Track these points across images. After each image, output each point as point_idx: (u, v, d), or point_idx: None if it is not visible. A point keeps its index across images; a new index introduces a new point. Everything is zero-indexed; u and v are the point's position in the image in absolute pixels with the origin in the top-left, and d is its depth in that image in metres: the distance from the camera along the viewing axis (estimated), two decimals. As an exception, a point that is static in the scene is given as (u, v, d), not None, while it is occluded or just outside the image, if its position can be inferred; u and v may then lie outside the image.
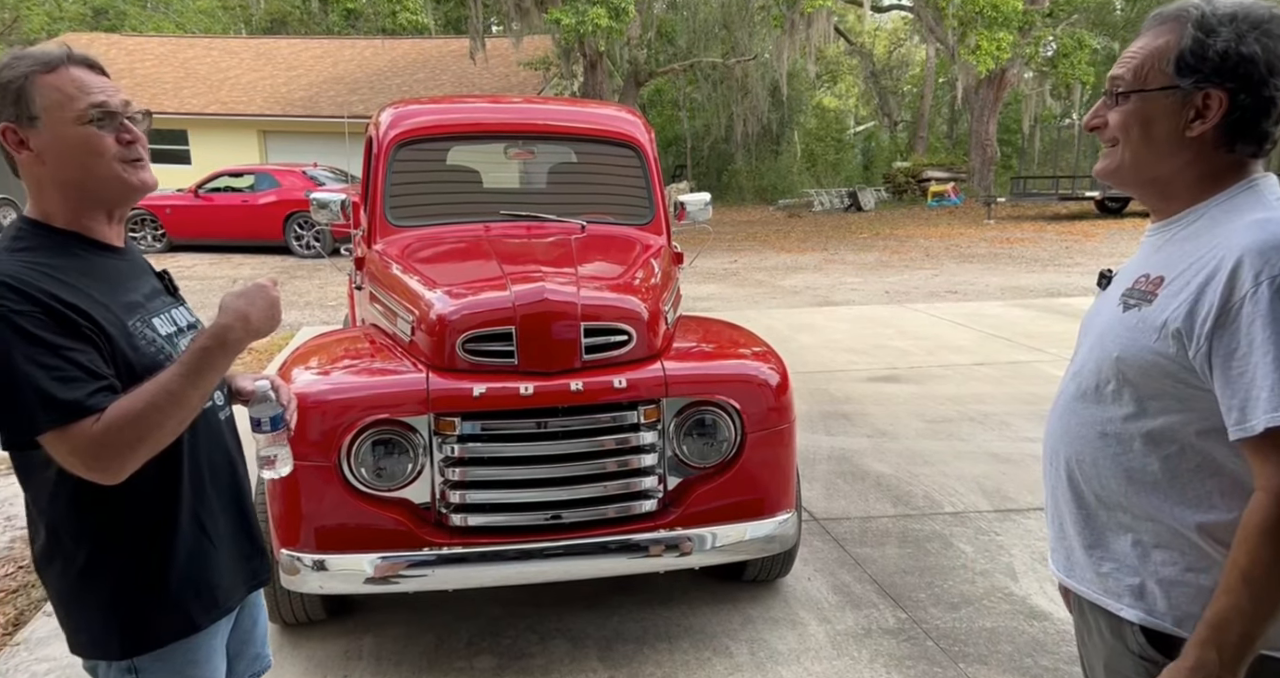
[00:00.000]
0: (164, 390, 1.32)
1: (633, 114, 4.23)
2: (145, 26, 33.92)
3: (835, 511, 4.07)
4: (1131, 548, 1.28)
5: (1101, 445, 1.29)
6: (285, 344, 7.71)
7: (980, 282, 11.34)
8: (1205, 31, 1.19)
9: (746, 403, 2.79)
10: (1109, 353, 1.27)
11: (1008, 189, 24.25)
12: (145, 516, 1.42)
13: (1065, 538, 1.39)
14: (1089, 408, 1.32)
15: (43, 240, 1.38)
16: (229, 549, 1.56)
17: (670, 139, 30.35)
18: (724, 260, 13.95)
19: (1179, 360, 1.18)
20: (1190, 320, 1.16)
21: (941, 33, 20.82)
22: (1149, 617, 1.25)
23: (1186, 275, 1.19)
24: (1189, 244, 1.23)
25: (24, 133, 1.36)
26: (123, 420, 1.28)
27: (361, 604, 3.19)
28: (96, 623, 1.43)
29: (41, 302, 1.28)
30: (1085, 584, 1.35)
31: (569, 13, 17.24)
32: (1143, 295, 1.25)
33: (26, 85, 1.34)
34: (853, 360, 6.99)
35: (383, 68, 25.39)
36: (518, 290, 2.74)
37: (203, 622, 1.50)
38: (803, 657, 2.88)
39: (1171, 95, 1.22)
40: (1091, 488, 1.32)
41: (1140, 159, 1.28)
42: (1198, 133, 1.21)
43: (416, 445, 2.61)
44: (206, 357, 1.37)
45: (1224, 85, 1.18)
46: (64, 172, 1.38)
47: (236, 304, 1.43)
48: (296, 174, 15.33)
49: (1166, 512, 1.23)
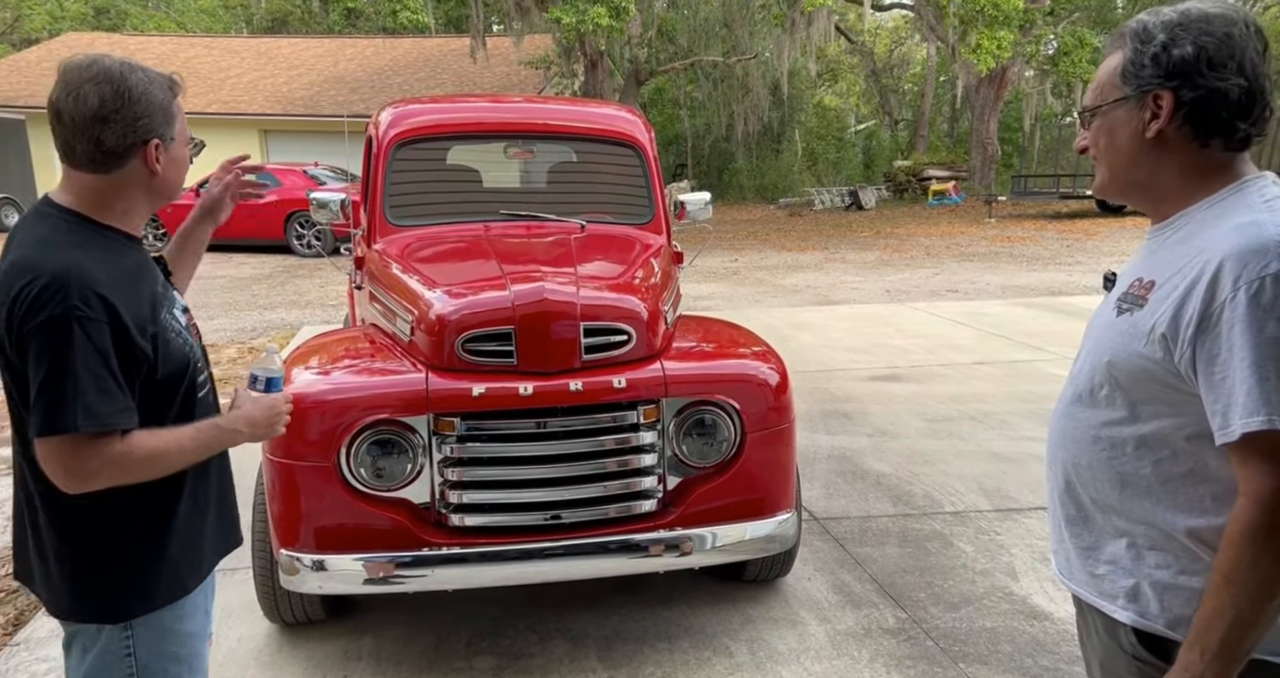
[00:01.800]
0: (178, 447, 1.47)
1: (633, 113, 4.23)
2: (146, 26, 33.93)
3: (835, 510, 4.07)
4: (1125, 551, 1.30)
5: (1096, 450, 1.31)
6: (286, 343, 7.71)
7: (981, 280, 11.33)
8: (1142, 41, 1.27)
9: (746, 403, 2.79)
10: (1101, 357, 1.30)
11: (1009, 187, 24.23)
12: (156, 489, 1.51)
13: (1064, 540, 1.41)
14: (1084, 412, 1.34)
15: (95, 236, 1.47)
16: (213, 515, 1.67)
17: (671, 138, 30.33)
18: (724, 259, 13.95)
19: (1166, 365, 1.20)
20: (1175, 325, 1.18)
21: (942, 31, 20.78)
22: (1141, 619, 1.27)
23: (1174, 280, 1.21)
24: (1178, 248, 1.25)
25: (162, 149, 1.50)
26: (144, 454, 1.42)
27: (361, 604, 3.18)
28: (95, 587, 1.50)
29: (112, 311, 1.39)
30: (1082, 586, 1.38)
31: (570, 11, 17.22)
32: (1135, 300, 1.27)
33: (173, 107, 1.52)
34: (853, 359, 6.99)
35: (383, 67, 25.39)
36: (517, 290, 2.74)
37: (191, 584, 1.61)
38: (803, 657, 2.88)
39: (1125, 105, 1.29)
40: (1087, 491, 1.34)
41: (1115, 168, 1.34)
42: (1155, 132, 1.27)
43: (416, 446, 2.61)
44: (218, 439, 1.55)
45: (1167, 85, 1.24)
46: (167, 184, 1.55)
47: (253, 413, 1.59)
48: (297, 173, 15.34)
49: (1159, 516, 1.25)
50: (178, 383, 1.54)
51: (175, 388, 1.53)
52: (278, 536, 2.64)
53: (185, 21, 35.73)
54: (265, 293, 11.23)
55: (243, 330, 8.76)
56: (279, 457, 2.60)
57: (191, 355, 1.57)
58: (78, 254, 1.40)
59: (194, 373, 1.58)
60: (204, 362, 1.65)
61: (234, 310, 9.93)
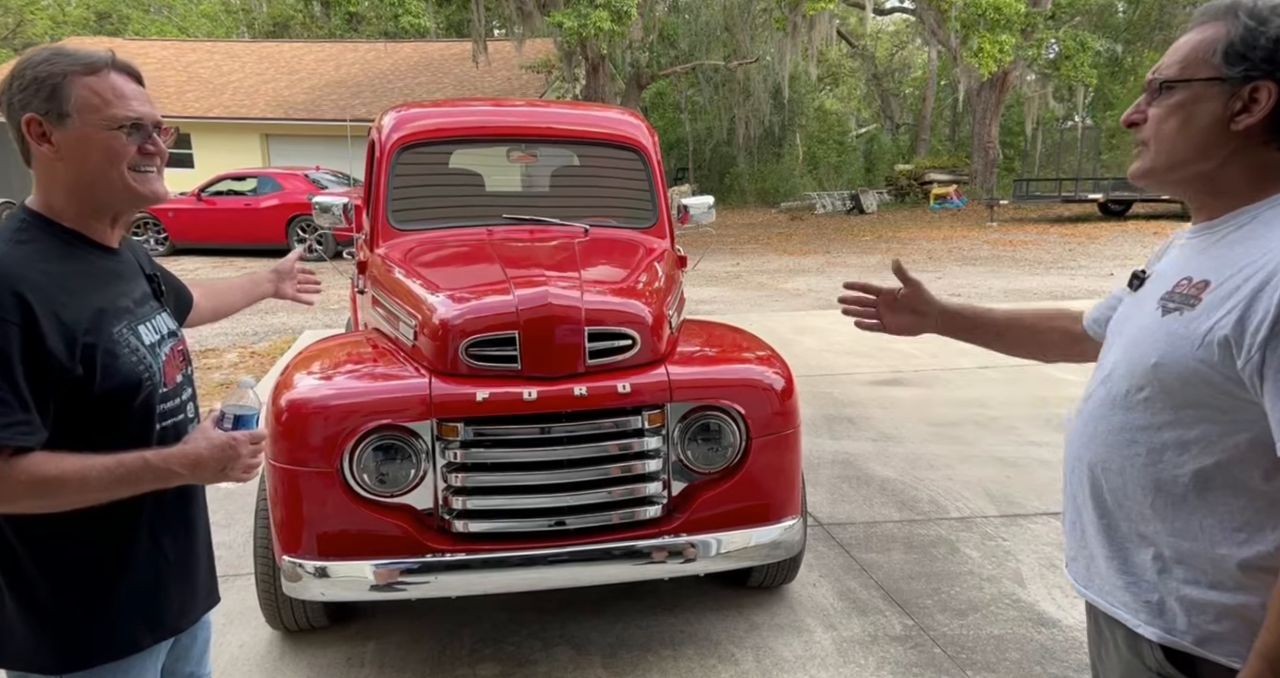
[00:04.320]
0: (81, 478, 1.29)
1: (636, 117, 4.22)
2: (148, 30, 34.00)
3: (840, 515, 4.05)
4: (1152, 562, 1.22)
5: (1130, 454, 1.23)
6: (287, 348, 7.70)
7: (984, 284, 11.31)
8: (1258, 20, 1.14)
9: (752, 408, 2.77)
10: (1145, 358, 1.20)
11: (1010, 191, 24.19)
12: (99, 528, 1.38)
13: (1086, 547, 1.33)
14: (1119, 414, 1.25)
15: (45, 236, 1.38)
16: (184, 569, 1.53)
17: (672, 142, 30.32)
18: (726, 263, 13.94)
19: (1224, 370, 1.11)
20: (1240, 329, 1.08)
21: (944, 35, 20.80)
22: (1168, 635, 1.20)
23: (1236, 280, 1.12)
24: (1239, 248, 1.16)
25: (49, 127, 1.36)
26: (31, 479, 1.26)
27: (364, 611, 3.16)
28: (34, 635, 1.37)
29: (28, 312, 1.26)
30: (1104, 596, 1.30)
31: (571, 15, 17.24)
32: (1185, 299, 1.18)
33: (64, 83, 1.36)
34: (856, 364, 6.97)
35: (385, 71, 25.42)
36: (521, 294, 2.72)
37: (145, 642, 1.46)
38: (809, 664, 2.86)
39: (1218, 86, 1.16)
40: (1116, 497, 1.26)
41: (1178, 154, 1.22)
42: (1244, 126, 1.16)
43: (419, 451, 2.59)
44: (140, 477, 1.35)
45: (1275, 76, 1.13)
46: (79, 173, 1.39)
47: (199, 450, 1.39)
48: (299, 177, 15.36)
49: (1193, 528, 1.17)
50: (122, 404, 1.38)
51: (119, 410, 1.38)
52: (280, 541, 2.62)
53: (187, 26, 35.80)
54: (267, 297, 11.21)
55: (244, 334, 8.74)
56: (282, 462, 2.58)
57: (145, 376, 1.40)
58: (15, 251, 1.32)
59: (150, 396, 1.42)
60: (176, 388, 1.50)
61: (235, 314, 9.90)
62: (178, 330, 1.58)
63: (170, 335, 1.53)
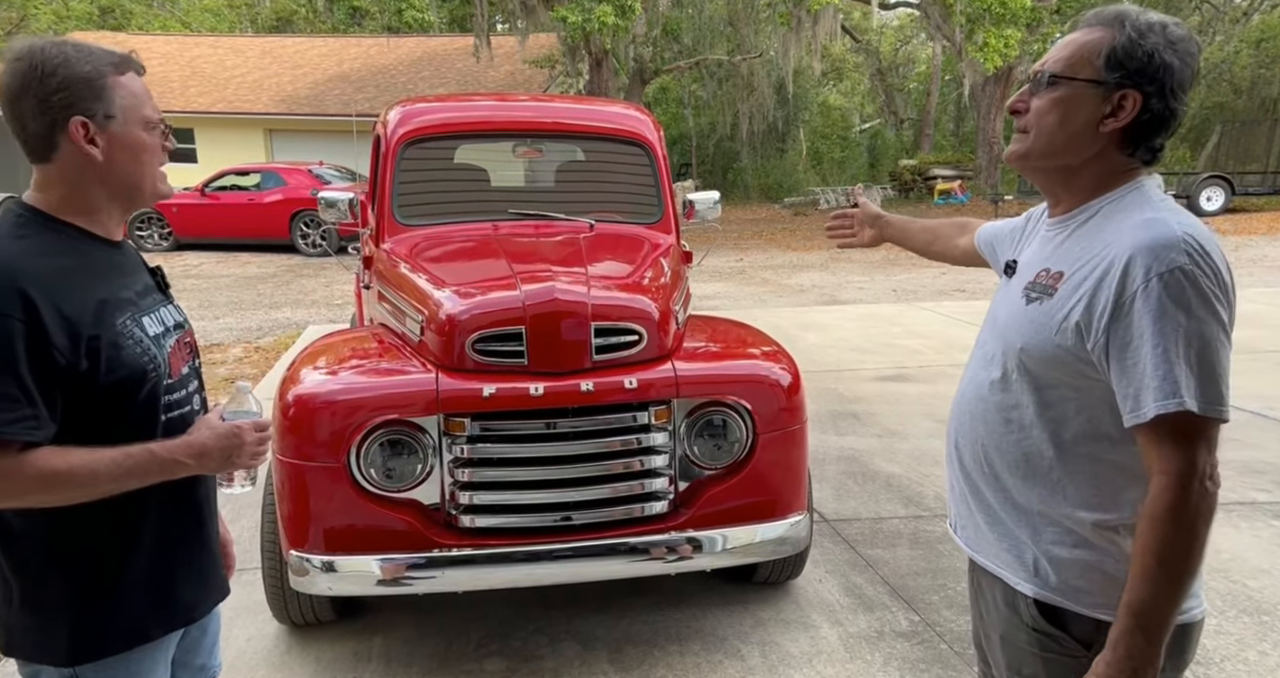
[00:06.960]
0: (89, 472, 1.30)
1: (641, 112, 4.21)
2: (151, 25, 33.98)
3: (846, 511, 4.04)
4: (1026, 526, 1.37)
5: (1005, 430, 1.37)
6: (292, 343, 7.71)
7: (989, 279, 11.24)
8: (1139, 33, 1.26)
9: (758, 403, 2.77)
10: (1013, 344, 1.35)
11: (1015, 187, 24.13)
12: (107, 519, 1.38)
13: (972, 515, 1.47)
14: (995, 394, 1.39)
15: (45, 231, 1.37)
16: (194, 560, 1.53)
17: (675, 137, 30.24)
18: (730, 259, 13.92)
19: (1077, 352, 1.26)
20: (1089, 314, 1.24)
21: (948, 30, 20.71)
22: (1041, 590, 1.34)
23: (1084, 271, 1.27)
24: (1085, 241, 1.31)
25: (95, 128, 1.36)
26: (40, 474, 1.26)
27: (371, 606, 3.17)
28: (43, 626, 1.38)
29: (31, 309, 1.26)
30: (990, 559, 1.43)
31: (575, 10, 17.19)
32: (1044, 289, 1.32)
33: (107, 84, 1.36)
34: (861, 359, 6.96)
35: (388, 66, 25.38)
36: (527, 290, 2.72)
37: (155, 633, 1.46)
38: (815, 660, 2.86)
39: (1095, 89, 1.28)
40: (994, 469, 1.40)
41: (1053, 146, 1.33)
42: (1109, 129, 1.28)
43: (426, 446, 2.59)
44: (146, 468, 1.35)
45: (1141, 88, 1.26)
46: (119, 172, 1.40)
47: (203, 439, 1.40)
48: (302, 173, 15.34)
49: (1058, 495, 1.32)
50: (127, 395, 1.38)
51: (125, 401, 1.38)
52: (287, 536, 2.62)
53: (190, 21, 35.78)
54: (271, 292, 11.23)
55: (249, 330, 8.75)
56: (289, 457, 2.58)
57: (150, 368, 1.40)
58: (15, 246, 1.32)
59: (155, 388, 1.41)
60: (182, 380, 1.50)
61: (240, 309, 9.92)
62: (185, 323, 1.58)
63: (176, 328, 1.53)
